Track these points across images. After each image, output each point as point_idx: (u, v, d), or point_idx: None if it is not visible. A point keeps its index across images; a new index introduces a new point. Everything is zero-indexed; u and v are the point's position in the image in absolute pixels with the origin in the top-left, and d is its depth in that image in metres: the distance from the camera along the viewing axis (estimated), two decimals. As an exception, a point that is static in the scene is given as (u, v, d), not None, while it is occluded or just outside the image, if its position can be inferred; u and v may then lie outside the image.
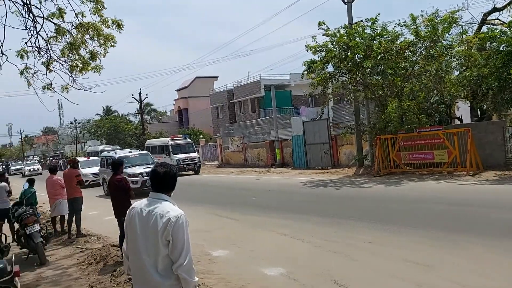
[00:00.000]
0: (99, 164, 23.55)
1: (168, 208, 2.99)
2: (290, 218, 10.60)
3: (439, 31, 16.27)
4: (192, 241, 9.00)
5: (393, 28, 17.65)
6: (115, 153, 20.27)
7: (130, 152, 20.93)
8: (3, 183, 10.90)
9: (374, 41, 17.39)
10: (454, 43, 17.28)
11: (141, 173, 17.84)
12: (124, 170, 17.04)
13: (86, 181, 24.17)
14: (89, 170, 25.84)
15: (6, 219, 10.46)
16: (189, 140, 31.17)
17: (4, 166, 51.78)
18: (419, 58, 17.43)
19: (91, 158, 30.02)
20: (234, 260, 7.60)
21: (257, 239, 8.88)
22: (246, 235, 9.32)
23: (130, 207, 3.17)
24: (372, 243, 7.65)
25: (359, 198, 12.77)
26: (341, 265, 6.68)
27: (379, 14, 17.89)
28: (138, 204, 3.12)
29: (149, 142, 34.22)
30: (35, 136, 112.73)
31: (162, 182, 3.12)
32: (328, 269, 6.46)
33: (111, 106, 72.15)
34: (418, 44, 17.00)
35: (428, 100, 17.91)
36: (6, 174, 13.00)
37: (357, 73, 17.98)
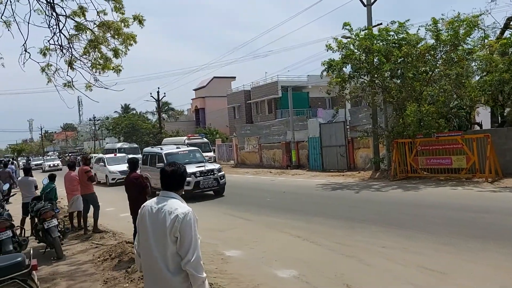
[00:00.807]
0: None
1: (177, 205, 3.08)
2: (304, 220, 10.58)
3: (460, 34, 16.03)
4: (206, 240, 9.07)
5: (417, 31, 17.45)
6: (161, 149, 18.12)
7: (178, 148, 18.62)
8: (33, 178, 11.23)
9: (396, 45, 17.20)
10: (475, 47, 17.00)
11: (193, 173, 15.44)
12: None
13: (113, 179, 23.60)
14: (116, 168, 24.32)
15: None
16: (205, 140, 31.39)
17: (25, 162, 52.70)
18: (439, 62, 17.19)
19: (119, 154, 28.09)
20: (247, 261, 7.63)
21: (271, 240, 8.89)
22: (260, 236, 9.33)
23: (142, 206, 3.27)
24: (386, 247, 7.58)
25: (375, 202, 12.66)
26: (354, 269, 6.64)
27: (408, 20, 17.64)
28: (149, 202, 3.22)
29: (166, 140, 34.51)
30: (55, 132, 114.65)
31: (170, 180, 3.22)
32: (341, 273, 6.43)
33: (129, 104, 73.10)
34: (438, 48, 16.78)
35: (448, 105, 17.64)
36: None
37: (376, 75, 17.84)
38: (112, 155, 27.82)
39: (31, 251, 5.36)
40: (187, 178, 14.44)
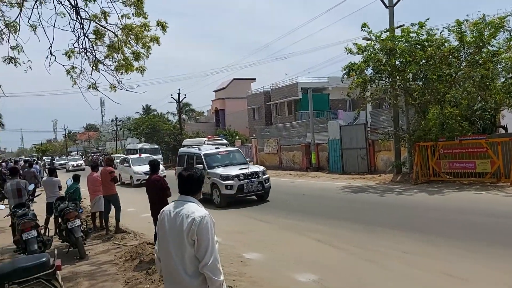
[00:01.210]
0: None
1: (194, 208, 3.13)
2: (324, 224, 10.53)
3: (485, 36, 15.70)
4: (226, 243, 9.10)
5: (440, 33, 17.17)
6: (199, 149, 16.85)
7: (217, 148, 17.39)
8: (57, 178, 11.47)
9: (418, 46, 16.96)
10: (501, 49, 16.62)
11: (237, 176, 14.31)
12: (213, 170, 14.85)
13: (138, 180, 23.29)
14: (141, 168, 23.71)
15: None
16: (225, 141, 31.43)
17: (49, 161, 53.47)
18: (463, 64, 16.88)
19: (143, 155, 27.52)
20: (266, 264, 7.62)
21: (290, 243, 8.87)
22: (279, 239, 9.32)
23: (161, 211, 3.32)
24: (407, 253, 7.48)
25: (396, 206, 12.50)
26: (375, 274, 6.58)
27: (428, 19, 17.39)
28: (168, 207, 3.28)
29: (186, 141, 34.70)
30: (78, 132, 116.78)
31: (187, 185, 3.27)
32: (361, 278, 6.38)
33: (150, 105, 73.94)
34: (462, 49, 16.47)
35: (472, 107, 17.29)
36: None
37: (398, 77, 17.62)
38: (137, 155, 27.58)
39: (55, 251, 5.47)
40: (230, 181, 14.25)
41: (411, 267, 6.77)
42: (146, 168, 22.37)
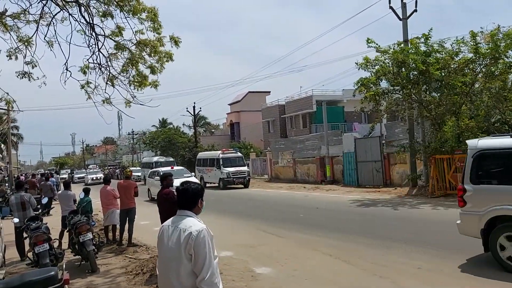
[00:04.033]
0: (185, 175, 21.83)
1: (191, 223, 3.13)
2: (337, 238, 10.38)
3: (501, 47, 15.49)
4: (237, 256, 9.02)
5: (451, 45, 17.02)
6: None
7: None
8: (72, 192, 11.60)
9: (429, 57, 16.83)
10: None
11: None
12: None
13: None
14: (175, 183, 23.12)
15: None
16: (239, 154, 31.51)
17: (68, 175, 53.56)
18: (479, 76, 16.66)
19: (176, 167, 26.32)
20: (277, 279, 7.52)
21: (302, 258, 8.75)
22: (291, 253, 9.21)
23: (161, 225, 3.33)
24: (422, 269, 7.31)
25: (412, 220, 12.27)
26: (387, 291, 6.43)
27: (431, 29, 17.32)
28: (167, 222, 3.30)
29: (201, 154, 34.91)
30: (96, 145, 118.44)
31: (183, 199, 3.27)
32: (373, 295, 6.24)
33: (167, 119, 74.60)
34: (477, 61, 16.27)
35: (489, 120, 17.00)
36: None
37: (412, 90, 17.46)
38: (169, 168, 25.97)
39: (64, 265, 5.49)
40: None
41: (425, 284, 6.62)
42: (179, 182, 22.81)
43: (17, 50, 9.59)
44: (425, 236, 9.91)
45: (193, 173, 25.30)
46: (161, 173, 8.69)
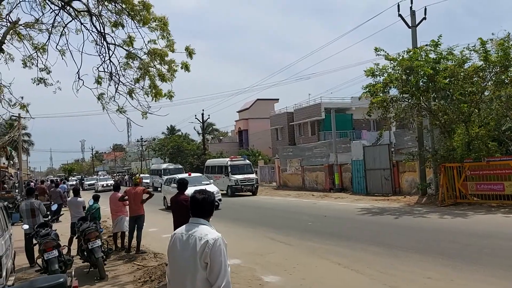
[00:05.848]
0: (203, 182, 21.54)
1: (206, 231, 3.12)
2: (346, 246, 10.32)
3: (511, 56, 15.39)
4: (244, 264, 9.01)
5: (461, 52, 16.93)
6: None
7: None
8: (82, 199, 11.68)
9: (438, 64, 16.76)
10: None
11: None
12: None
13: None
14: (190, 190, 22.25)
15: None
16: (247, 161, 31.51)
17: (77, 181, 53.20)
18: (489, 84, 16.56)
19: (193, 174, 25.28)
20: (285, 287, 7.49)
21: (310, 267, 8.71)
22: (299, 262, 9.16)
23: (172, 233, 3.31)
24: (431, 279, 7.24)
25: (421, 229, 12.17)
26: (397, 300, 6.37)
27: (440, 36, 17.26)
28: (180, 229, 3.27)
29: (209, 162, 34.99)
30: (105, 152, 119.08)
31: (200, 207, 3.25)
32: (382, 304, 6.19)
33: (175, 126, 74.92)
34: (487, 69, 16.18)
35: (499, 128, 16.86)
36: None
37: (421, 97, 17.38)
38: (186, 174, 25.68)
39: (73, 271, 5.52)
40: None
41: (434, 293, 6.54)
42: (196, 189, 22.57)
43: (31, 58, 9.73)
44: (435, 245, 9.81)
45: (211, 180, 24.34)
46: (180, 179, 8.62)
